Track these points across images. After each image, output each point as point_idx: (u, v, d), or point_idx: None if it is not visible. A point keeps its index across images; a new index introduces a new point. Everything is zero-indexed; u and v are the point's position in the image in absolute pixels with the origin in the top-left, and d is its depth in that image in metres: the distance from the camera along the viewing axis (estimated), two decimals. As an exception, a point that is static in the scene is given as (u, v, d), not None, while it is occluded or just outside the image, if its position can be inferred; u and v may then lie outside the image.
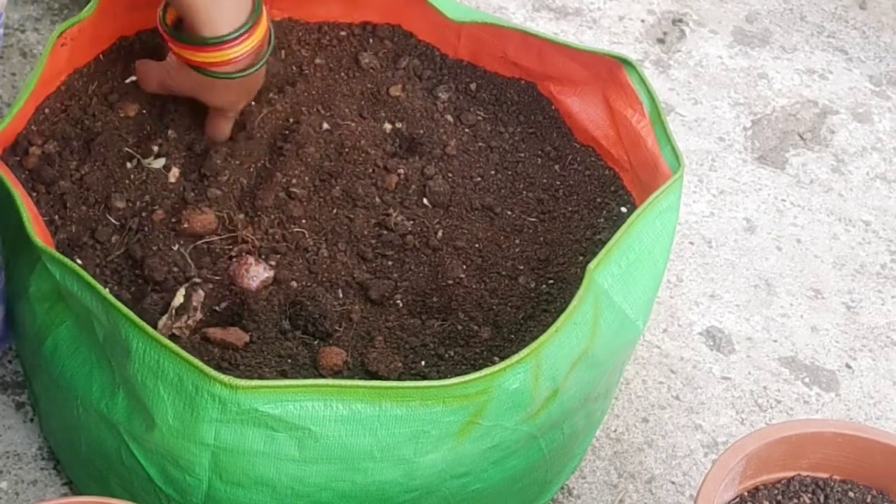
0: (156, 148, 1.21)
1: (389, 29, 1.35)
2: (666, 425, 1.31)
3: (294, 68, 1.31)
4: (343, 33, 1.35)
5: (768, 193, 1.58)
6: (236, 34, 1.11)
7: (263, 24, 1.14)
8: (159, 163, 1.19)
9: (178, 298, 1.08)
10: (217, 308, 1.10)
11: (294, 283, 1.13)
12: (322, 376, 1.06)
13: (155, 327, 1.05)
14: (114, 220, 1.14)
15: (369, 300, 1.14)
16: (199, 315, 1.08)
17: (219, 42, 1.11)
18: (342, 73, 1.32)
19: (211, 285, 1.11)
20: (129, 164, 1.19)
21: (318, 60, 1.32)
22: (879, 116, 1.71)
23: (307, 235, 1.17)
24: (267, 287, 1.13)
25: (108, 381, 1.01)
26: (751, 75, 1.73)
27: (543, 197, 1.27)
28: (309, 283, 1.14)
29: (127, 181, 1.17)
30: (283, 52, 1.32)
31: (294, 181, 1.20)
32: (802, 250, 1.52)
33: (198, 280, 1.11)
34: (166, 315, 1.07)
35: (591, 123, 1.30)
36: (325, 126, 1.26)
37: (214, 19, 1.10)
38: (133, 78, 1.24)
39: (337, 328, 1.11)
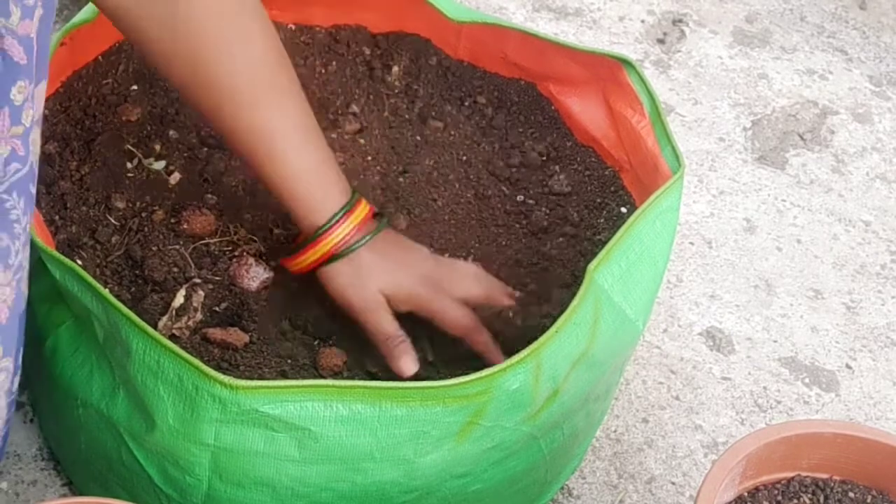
0: (157, 148, 1.21)
1: (396, 34, 1.36)
2: (666, 425, 1.31)
3: (300, 71, 1.31)
4: (343, 35, 1.35)
5: (768, 194, 1.58)
6: (341, 213, 1.07)
7: (363, 209, 1.09)
8: (160, 164, 1.19)
9: (179, 299, 1.08)
10: (217, 308, 1.10)
11: (294, 284, 1.13)
12: (322, 377, 1.07)
13: (155, 327, 1.05)
14: (114, 221, 1.14)
15: None
16: (199, 315, 1.08)
17: (326, 228, 1.06)
18: (345, 75, 1.33)
19: (211, 286, 1.11)
20: (129, 165, 1.19)
21: (316, 62, 1.33)
22: (879, 117, 1.71)
23: None
24: (267, 288, 1.13)
25: (107, 382, 1.01)
26: (751, 76, 1.73)
27: (543, 197, 1.27)
28: (309, 284, 1.14)
29: (127, 182, 1.17)
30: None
31: None
32: (802, 250, 1.52)
33: (198, 280, 1.11)
34: (166, 315, 1.07)
35: (591, 123, 1.30)
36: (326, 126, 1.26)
37: (318, 201, 1.06)
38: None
39: (337, 329, 1.11)
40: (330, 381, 0.96)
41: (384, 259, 1.08)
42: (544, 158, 1.30)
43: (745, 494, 1.02)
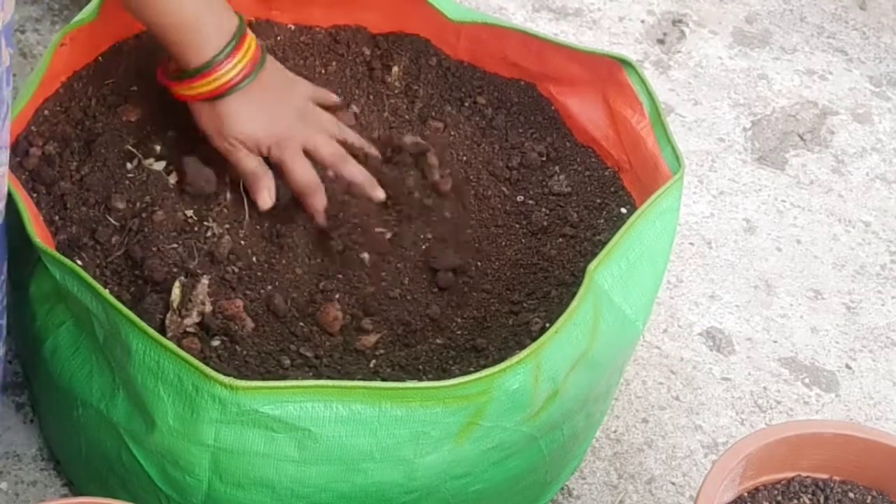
0: (157, 148, 1.20)
1: (397, 34, 1.36)
2: (666, 426, 1.31)
3: (300, 71, 1.31)
4: (344, 36, 1.35)
5: (768, 194, 1.58)
6: (223, 54, 1.10)
7: (250, 42, 1.13)
8: (160, 165, 1.19)
9: (175, 293, 1.08)
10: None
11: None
12: (328, 333, 1.09)
13: (161, 327, 1.05)
14: (114, 221, 1.14)
15: (368, 299, 1.15)
16: (208, 307, 1.08)
17: (208, 67, 1.10)
18: (345, 75, 1.33)
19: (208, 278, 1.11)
20: (129, 165, 1.19)
21: (316, 62, 1.33)
22: (879, 117, 1.71)
23: (307, 236, 1.18)
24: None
25: (107, 382, 1.01)
26: (751, 76, 1.73)
27: (543, 197, 1.27)
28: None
29: (127, 182, 1.17)
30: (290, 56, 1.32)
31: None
32: (802, 251, 1.52)
33: (199, 272, 1.11)
34: (170, 312, 1.07)
35: (590, 124, 1.30)
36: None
37: (198, 44, 1.09)
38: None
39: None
40: (330, 382, 0.96)
41: (251, 108, 1.13)
42: (544, 159, 1.30)
43: (745, 495, 1.02)
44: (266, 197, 1.15)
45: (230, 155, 1.15)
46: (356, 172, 1.19)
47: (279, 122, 1.16)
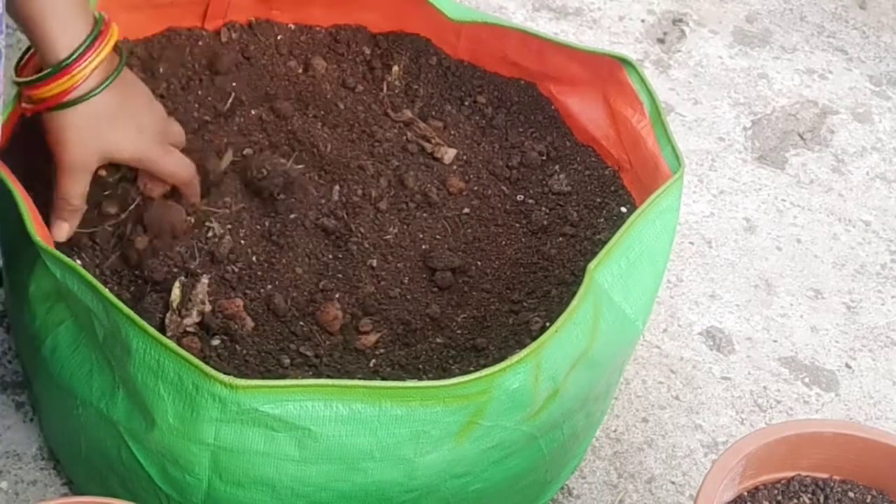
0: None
1: (396, 34, 1.36)
2: (666, 425, 1.31)
3: (300, 71, 1.31)
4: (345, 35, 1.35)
5: (768, 193, 1.58)
6: (76, 53, 1.03)
7: (109, 41, 1.06)
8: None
9: (175, 293, 1.08)
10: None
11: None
12: (328, 332, 1.08)
13: (161, 327, 1.05)
14: (107, 227, 1.14)
15: (368, 298, 1.15)
16: (208, 306, 1.08)
17: (64, 66, 1.03)
18: (345, 75, 1.33)
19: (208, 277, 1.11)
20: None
21: (318, 62, 1.33)
22: (879, 116, 1.71)
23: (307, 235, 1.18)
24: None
25: (108, 381, 1.01)
26: (751, 75, 1.73)
27: (543, 197, 1.27)
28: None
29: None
30: (291, 56, 1.32)
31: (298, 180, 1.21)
32: (802, 250, 1.52)
33: (199, 271, 1.11)
34: (170, 311, 1.07)
35: (591, 123, 1.30)
36: (322, 126, 1.26)
37: (53, 40, 1.02)
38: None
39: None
40: (330, 381, 0.96)
41: (115, 114, 1.06)
42: (544, 158, 1.30)
43: (745, 494, 1.02)
44: (65, 229, 1.09)
45: (63, 175, 1.07)
46: (196, 192, 1.16)
47: (153, 127, 1.11)
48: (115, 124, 1.07)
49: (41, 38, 1.03)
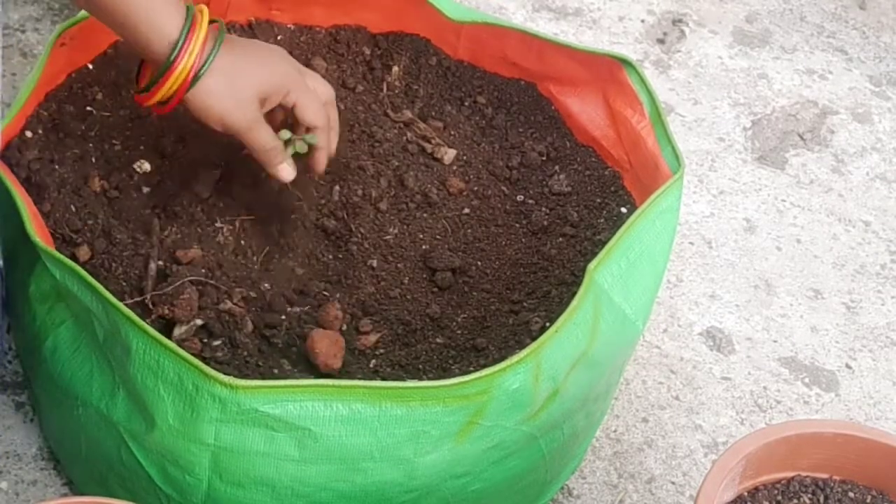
0: (157, 147, 1.20)
1: (396, 34, 1.36)
2: (666, 425, 1.30)
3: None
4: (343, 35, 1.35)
5: (768, 193, 1.58)
6: (183, 36, 1.03)
7: (203, 19, 1.05)
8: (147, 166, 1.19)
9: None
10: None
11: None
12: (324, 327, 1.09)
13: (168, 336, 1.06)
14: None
15: (368, 298, 1.15)
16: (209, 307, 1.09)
17: (175, 53, 1.03)
18: (345, 76, 1.33)
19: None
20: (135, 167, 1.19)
21: (318, 63, 1.33)
22: (879, 116, 1.71)
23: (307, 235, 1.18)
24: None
25: (107, 381, 1.01)
26: (751, 75, 1.73)
27: (543, 197, 1.27)
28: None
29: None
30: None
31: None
32: (802, 250, 1.52)
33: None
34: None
35: (591, 123, 1.30)
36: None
37: (156, 27, 1.03)
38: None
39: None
40: (330, 381, 0.96)
41: (246, 56, 1.08)
42: (544, 158, 1.30)
43: (745, 494, 1.02)
44: (287, 169, 1.12)
45: (244, 134, 1.08)
46: (335, 118, 1.16)
47: (280, 63, 1.11)
48: (246, 68, 1.07)
49: (143, 37, 1.03)
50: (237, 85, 1.07)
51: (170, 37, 1.03)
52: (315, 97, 1.12)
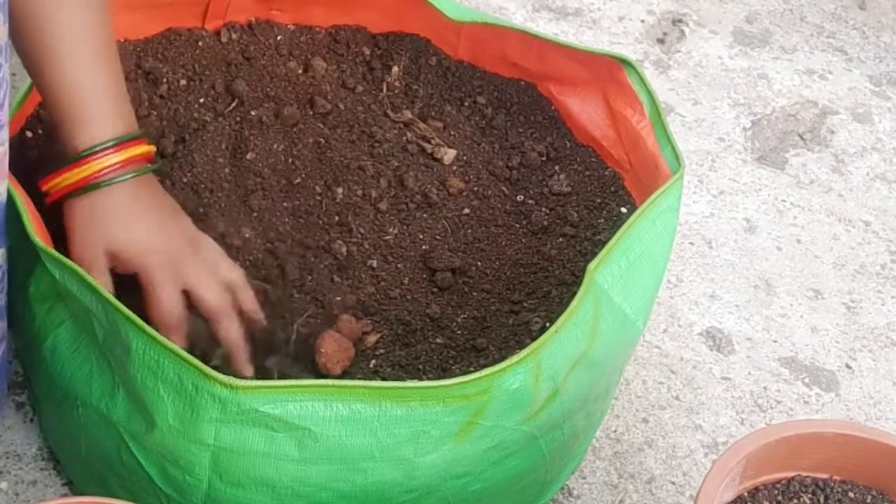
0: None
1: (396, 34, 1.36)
2: (666, 425, 1.30)
3: (300, 71, 1.31)
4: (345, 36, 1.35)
5: (768, 194, 1.58)
6: (114, 142, 1.00)
7: (139, 148, 1.02)
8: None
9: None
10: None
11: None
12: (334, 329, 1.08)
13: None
14: None
15: (368, 299, 1.15)
16: None
17: (84, 155, 0.99)
18: (345, 76, 1.33)
19: None
20: None
21: (318, 63, 1.33)
22: (879, 116, 1.71)
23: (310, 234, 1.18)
24: None
25: (107, 381, 1.01)
26: (751, 75, 1.73)
27: (543, 197, 1.27)
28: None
29: None
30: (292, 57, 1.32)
31: (298, 181, 1.20)
32: (802, 250, 1.52)
33: None
34: None
35: (591, 123, 1.30)
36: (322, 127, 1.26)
37: (93, 122, 0.99)
38: None
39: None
40: (330, 381, 0.96)
41: (140, 209, 1.01)
42: (544, 158, 1.30)
43: (745, 494, 1.02)
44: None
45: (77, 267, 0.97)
46: (233, 334, 1.03)
47: (172, 237, 1.02)
48: (123, 219, 1.01)
49: (71, 119, 0.99)
50: (100, 227, 1.01)
51: (95, 138, 0.99)
52: (168, 296, 1.01)
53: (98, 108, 1.00)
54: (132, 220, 1.01)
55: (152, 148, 1.04)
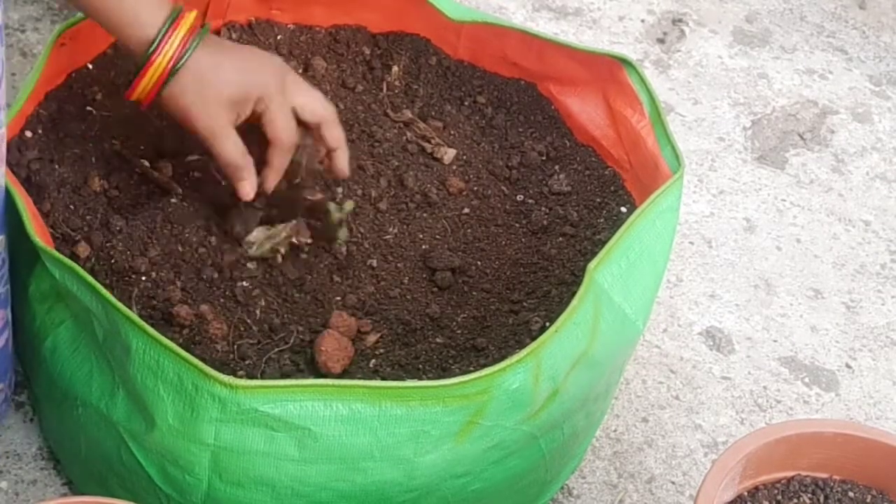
0: (157, 147, 1.20)
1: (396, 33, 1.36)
2: (666, 425, 1.30)
3: (300, 71, 1.31)
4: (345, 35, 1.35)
5: (768, 193, 1.58)
6: (161, 33, 1.03)
7: (188, 18, 1.05)
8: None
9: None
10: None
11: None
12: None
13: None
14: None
15: (368, 298, 1.15)
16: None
17: (152, 48, 1.03)
18: (345, 75, 1.33)
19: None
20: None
21: (318, 62, 1.33)
22: (879, 116, 1.71)
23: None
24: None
25: (107, 381, 1.01)
26: (751, 75, 1.73)
27: (543, 197, 1.27)
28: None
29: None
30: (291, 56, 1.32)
31: (298, 181, 1.20)
32: (802, 250, 1.52)
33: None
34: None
35: (591, 123, 1.30)
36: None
37: (138, 23, 1.03)
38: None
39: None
40: (330, 381, 0.96)
41: (225, 60, 1.07)
42: (544, 158, 1.30)
43: (745, 494, 1.02)
44: (247, 188, 1.10)
45: (209, 141, 1.07)
46: (340, 137, 1.14)
47: (261, 69, 1.09)
48: (221, 72, 1.06)
49: (125, 31, 1.04)
50: (208, 88, 1.06)
51: (149, 33, 1.03)
52: (286, 113, 1.09)
53: (137, 3, 1.04)
54: (230, 66, 1.07)
55: (194, 12, 1.08)
